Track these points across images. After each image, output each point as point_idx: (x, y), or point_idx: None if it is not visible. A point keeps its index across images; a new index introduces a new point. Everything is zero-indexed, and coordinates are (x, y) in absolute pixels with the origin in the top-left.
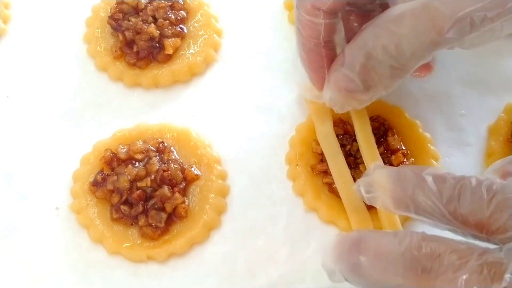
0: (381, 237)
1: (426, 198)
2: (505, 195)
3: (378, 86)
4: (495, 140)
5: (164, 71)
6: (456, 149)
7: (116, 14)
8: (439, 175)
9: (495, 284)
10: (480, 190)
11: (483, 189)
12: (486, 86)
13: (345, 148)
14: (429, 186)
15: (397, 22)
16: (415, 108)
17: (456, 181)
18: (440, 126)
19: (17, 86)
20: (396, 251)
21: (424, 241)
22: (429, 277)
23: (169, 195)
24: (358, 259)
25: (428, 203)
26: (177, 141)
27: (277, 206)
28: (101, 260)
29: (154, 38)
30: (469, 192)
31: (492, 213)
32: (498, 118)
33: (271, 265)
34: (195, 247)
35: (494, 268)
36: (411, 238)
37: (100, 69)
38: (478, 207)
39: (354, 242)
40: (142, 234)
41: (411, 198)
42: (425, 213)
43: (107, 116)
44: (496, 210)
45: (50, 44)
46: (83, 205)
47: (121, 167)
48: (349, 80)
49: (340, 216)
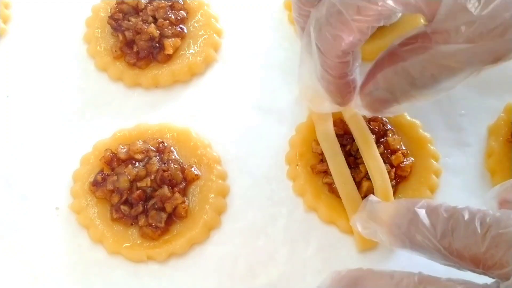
0: (378, 278)
1: (420, 234)
2: (499, 229)
3: (416, 101)
4: (495, 140)
5: (164, 71)
6: (456, 149)
7: (116, 14)
8: (432, 208)
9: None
10: (473, 224)
11: (477, 223)
12: (486, 86)
13: (345, 148)
14: (422, 222)
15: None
16: (415, 108)
17: (448, 214)
18: (440, 126)
19: (17, 86)
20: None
21: (421, 284)
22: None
23: (169, 195)
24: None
25: (423, 239)
26: (177, 141)
27: (277, 206)
28: (101, 260)
29: (154, 38)
30: (463, 227)
31: (487, 248)
32: (498, 118)
33: (271, 265)
34: (195, 247)
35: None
36: (408, 281)
37: (100, 69)
38: (473, 242)
39: (350, 283)
40: (142, 234)
41: (406, 234)
42: (421, 249)
43: (107, 116)
44: (491, 246)
45: (50, 44)
46: (83, 205)
47: (121, 167)
48: (386, 101)
49: (340, 216)
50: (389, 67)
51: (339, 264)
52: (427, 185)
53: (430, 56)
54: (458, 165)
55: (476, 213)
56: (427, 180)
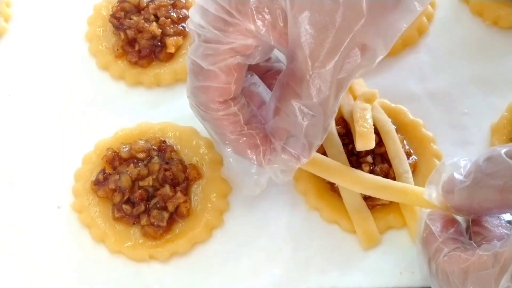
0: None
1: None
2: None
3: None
4: (498, 139)
5: (166, 69)
6: (459, 148)
7: (118, 13)
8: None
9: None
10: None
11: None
12: (489, 85)
13: (347, 147)
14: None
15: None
16: (418, 107)
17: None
18: (443, 125)
19: (18, 85)
20: None
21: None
22: None
23: (171, 194)
24: None
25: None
26: (179, 140)
27: (280, 205)
28: (103, 260)
29: (156, 37)
30: None
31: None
32: (501, 117)
33: (273, 264)
34: (197, 246)
35: None
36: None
37: (101, 67)
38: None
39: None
40: (144, 233)
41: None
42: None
43: (109, 115)
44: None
45: (51, 43)
46: (85, 204)
47: (123, 166)
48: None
49: (342, 216)
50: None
51: (342, 263)
52: None
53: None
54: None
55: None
56: None
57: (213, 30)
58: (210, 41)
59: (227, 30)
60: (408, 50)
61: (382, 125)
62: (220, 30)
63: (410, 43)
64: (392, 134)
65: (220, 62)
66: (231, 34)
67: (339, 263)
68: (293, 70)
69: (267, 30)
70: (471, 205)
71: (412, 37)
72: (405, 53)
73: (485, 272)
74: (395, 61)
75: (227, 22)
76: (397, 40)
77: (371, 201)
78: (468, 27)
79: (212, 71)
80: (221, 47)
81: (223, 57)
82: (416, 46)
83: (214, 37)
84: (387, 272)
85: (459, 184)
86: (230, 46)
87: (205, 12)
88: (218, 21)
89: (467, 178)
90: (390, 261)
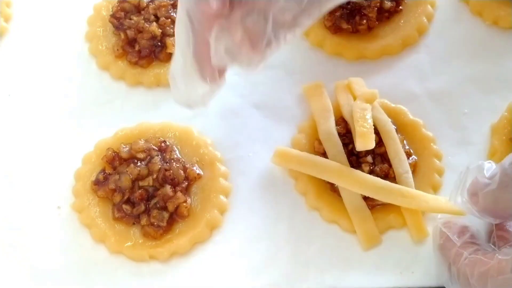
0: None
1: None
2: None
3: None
4: (498, 139)
5: (166, 69)
6: (459, 148)
7: (118, 13)
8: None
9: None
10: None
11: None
12: (489, 85)
13: (347, 147)
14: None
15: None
16: (418, 107)
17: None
18: (443, 125)
19: (18, 85)
20: None
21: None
22: None
23: (171, 194)
24: None
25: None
26: (179, 140)
27: (279, 205)
28: (103, 260)
29: (156, 37)
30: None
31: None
32: (501, 117)
33: (273, 264)
34: (197, 246)
35: None
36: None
37: (101, 68)
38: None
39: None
40: (144, 233)
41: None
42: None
43: (108, 115)
44: None
45: (51, 43)
46: (85, 204)
47: (123, 166)
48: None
49: (342, 216)
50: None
51: (342, 263)
52: (430, 184)
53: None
54: (461, 164)
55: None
56: (430, 179)
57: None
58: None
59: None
60: (408, 50)
61: (382, 125)
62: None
63: (410, 43)
64: (392, 134)
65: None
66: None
67: (339, 263)
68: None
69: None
70: (495, 209)
71: (412, 37)
72: (405, 53)
73: (504, 278)
74: (395, 61)
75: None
76: (397, 40)
77: (371, 201)
78: (468, 27)
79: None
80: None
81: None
82: (416, 46)
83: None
84: (387, 272)
85: (484, 187)
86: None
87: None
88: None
89: (492, 181)
90: (390, 261)
